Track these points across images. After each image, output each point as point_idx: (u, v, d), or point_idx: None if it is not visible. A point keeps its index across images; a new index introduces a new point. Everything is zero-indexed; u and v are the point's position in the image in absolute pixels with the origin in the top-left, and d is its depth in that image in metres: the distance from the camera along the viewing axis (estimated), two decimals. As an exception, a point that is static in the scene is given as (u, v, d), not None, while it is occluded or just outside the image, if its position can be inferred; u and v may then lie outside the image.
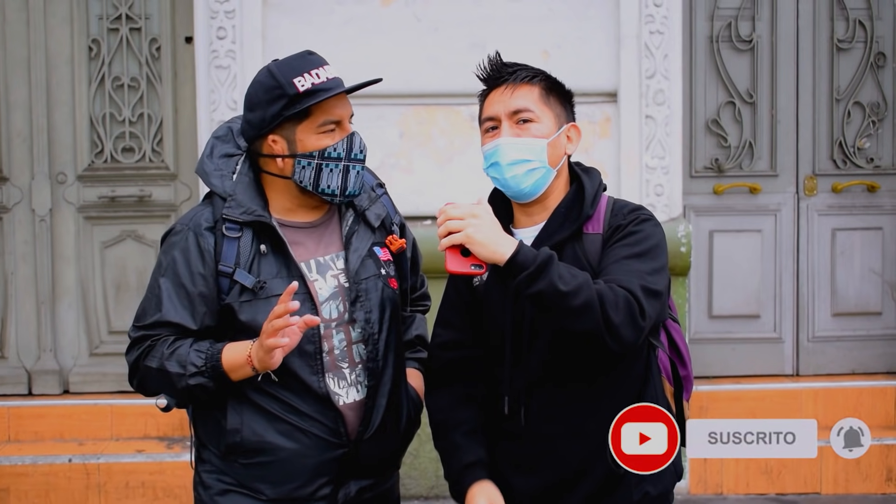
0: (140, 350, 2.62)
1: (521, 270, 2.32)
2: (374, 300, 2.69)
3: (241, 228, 2.62)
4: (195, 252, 2.61)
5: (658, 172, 5.30)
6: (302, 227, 2.71)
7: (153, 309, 2.62)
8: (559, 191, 2.63)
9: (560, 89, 2.65)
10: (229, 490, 2.69)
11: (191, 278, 2.61)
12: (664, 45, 5.29)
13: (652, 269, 2.44)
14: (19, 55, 5.43)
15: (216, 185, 2.68)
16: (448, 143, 5.25)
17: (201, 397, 2.60)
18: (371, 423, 2.68)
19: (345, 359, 2.67)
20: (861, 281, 5.86)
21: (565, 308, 2.31)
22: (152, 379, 2.63)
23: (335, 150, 2.62)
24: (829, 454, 5.47)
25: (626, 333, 2.33)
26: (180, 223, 2.70)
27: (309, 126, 2.60)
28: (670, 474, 2.61)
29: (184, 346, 2.58)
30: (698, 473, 5.37)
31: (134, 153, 5.50)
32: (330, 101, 2.61)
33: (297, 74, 2.59)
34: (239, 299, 2.60)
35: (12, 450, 5.21)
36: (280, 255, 2.63)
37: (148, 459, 5.12)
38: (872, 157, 5.83)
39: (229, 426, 2.63)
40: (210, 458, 2.72)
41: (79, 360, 5.53)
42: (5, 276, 5.49)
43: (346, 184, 2.64)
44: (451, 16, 5.25)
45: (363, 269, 2.70)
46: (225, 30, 5.13)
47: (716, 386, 5.62)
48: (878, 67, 5.80)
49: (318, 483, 2.67)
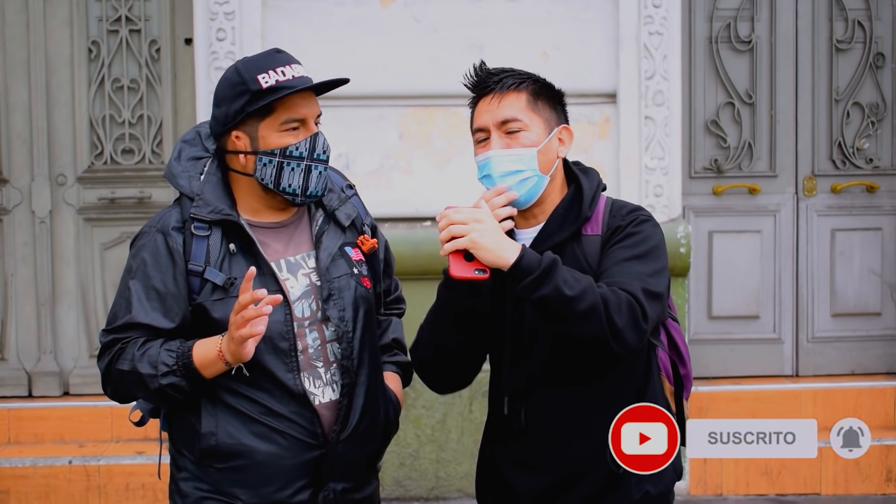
0: (111, 354, 2.59)
1: (526, 275, 2.31)
2: (347, 298, 2.67)
3: (209, 227, 2.61)
4: (164, 252, 2.61)
5: (657, 173, 5.31)
6: (270, 227, 2.69)
7: (123, 311, 2.61)
8: (555, 193, 2.63)
9: (549, 91, 2.63)
10: (206, 497, 2.66)
11: (161, 279, 2.59)
12: (663, 46, 5.29)
13: (652, 270, 2.44)
14: (19, 57, 5.44)
15: (183, 186, 2.68)
16: (447, 145, 5.25)
17: (176, 397, 2.57)
18: (348, 423, 2.65)
19: (319, 357, 2.65)
20: (860, 281, 5.87)
21: (570, 313, 2.31)
22: (125, 382, 2.59)
23: (297, 148, 2.59)
24: (829, 455, 5.46)
25: (630, 337, 2.33)
26: (148, 225, 2.70)
27: (271, 123, 2.59)
28: (670, 473, 2.61)
29: (154, 346, 2.55)
30: (698, 474, 5.37)
31: (134, 155, 5.50)
32: (294, 100, 2.59)
33: (262, 71, 2.57)
34: (211, 297, 2.58)
35: (12, 451, 5.21)
36: (249, 254, 2.61)
37: (148, 461, 5.11)
38: (872, 157, 5.83)
39: (203, 430, 2.61)
40: (185, 464, 2.69)
41: (79, 362, 5.53)
42: (5, 277, 5.49)
43: (307, 184, 2.62)
44: (450, 17, 5.25)
45: (335, 267, 2.68)
46: (224, 31, 5.14)
47: (715, 387, 5.62)
48: (878, 68, 5.81)
49: (297, 486, 2.63)
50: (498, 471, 2.67)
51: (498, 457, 2.68)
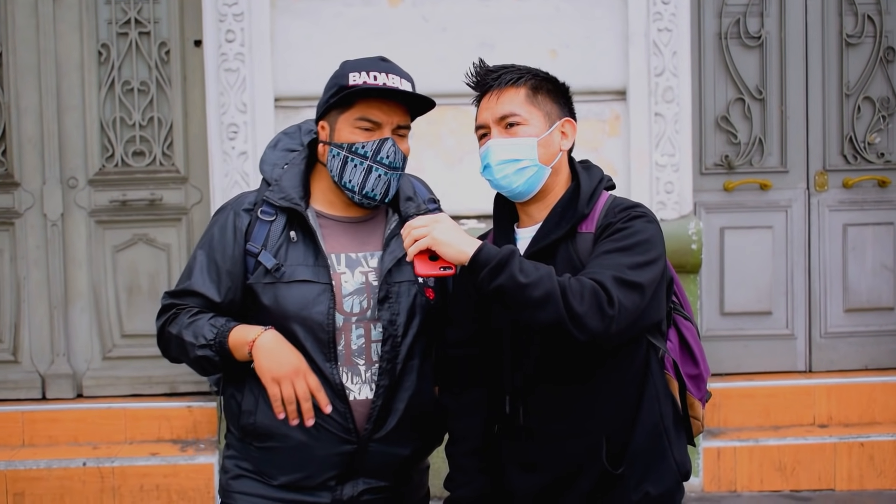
0: (166, 317, 2.75)
1: (483, 266, 2.35)
2: (403, 304, 2.71)
3: (276, 213, 2.73)
4: (230, 230, 2.74)
5: (668, 170, 5.30)
6: (341, 220, 2.78)
7: (185, 278, 2.77)
8: (559, 188, 2.64)
9: (550, 85, 2.65)
10: (242, 475, 2.77)
11: (222, 254, 2.72)
12: (672, 43, 5.28)
13: (634, 262, 2.42)
14: (29, 61, 5.46)
15: (266, 171, 2.82)
16: (457, 144, 5.25)
17: (209, 370, 2.70)
18: (385, 424, 2.70)
19: (361, 355, 2.70)
20: (873, 276, 5.85)
21: (525, 300, 2.33)
22: (172, 345, 2.74)
23: (363, 147, 2.68)
24: (844, 450, 5.48)
25: (592, 323, 2.32)
26: (228, 202, 2.84)
27: (348, 118, 2.69)
28: (673, 475, 2.59)
29: (203, 318, 2.68)
30: (712, 471, 5.37)
31: (144, 157, 5.52)
32: (374, 102, 2.68)
33: (357, 71, 2.69)
34: (262, 280, 2.68)
35: (27, 454, 5.23)
36: (310, 243, 2.70)
37: (162, 462, 5.13)
38: (883, 151, 5.82)
39: (244, 407, 2.71)
40: (232, 441, 2.82)
41: (92, 364, 5.55)
42: (18, 280, 5.51)
43: (365, 183, 2.69)
44: (458, 16, 5.26)
45: (398, 271, 2.73)
46: (234, 33, 5.14)
47: (728, 383, 5.61)
48: (888, 62, 5.79)
49: (326, 476, 2.70)
50: (501, 469, 2.68)
51: (501, 455, 2.69)
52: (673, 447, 2.60)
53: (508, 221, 2.71)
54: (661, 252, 2.51)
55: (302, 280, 2.66)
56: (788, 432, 5.46)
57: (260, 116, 5.16)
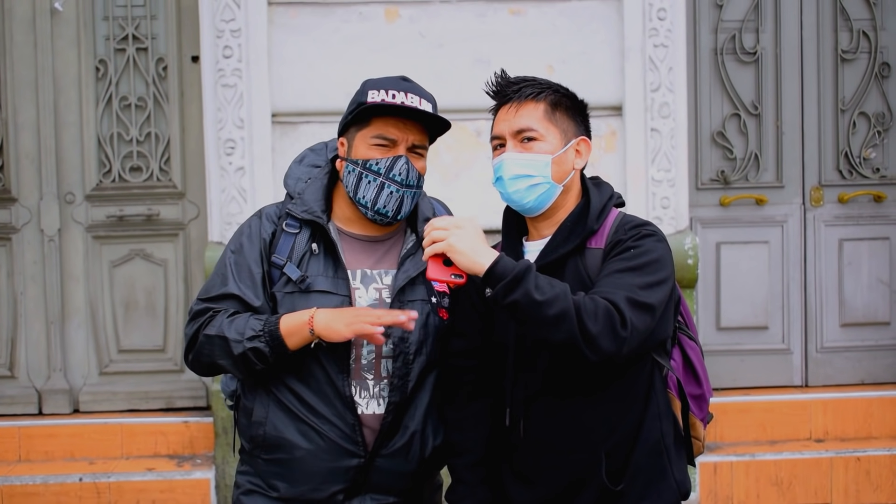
0: (201, 320, 2.73)
1: (499, 281, 2.34)
2: (415, 322, 2.69)
3: (300, 226, 2.77)
4: (257, 238, 2.78)
5: (664, 185, 5.31)
6: (359, 238, 2.80)
7: (219, 284, 2.77)
8: (569, 205, 2.64)
9: (569, 102, 2.66)
10: (253, 490, 2.79)
11: (253, 260, 2.76)
12: (668, 58, 5.30)
13: (645, 282, 2.42)
14: (27, 77, 5.47)
15: (290, 185, 2.87)
16: (454, 159, 5.26)
17: (256, 364, 2.65)
18: (394, 440, 2.72)
19: (371, 370, 2.71)
20: (869, 291, 5.86)
21: (540, 318, 2.32)
22: (210, 346, 2.70)
23: (377, 164, 2.70)
24: (840, 464, 5.47)
25: (605, 344, 2.33)
26: (255, 214, 2.88)
27: (364, 135, 2.73)
28: (672, 493, 2.60)
29: (242, 316, 2.69)
30: (708, 486, 5.36)
31: (142, 172, 5.52)
32: (390, 119, 2.71)
33: (377, 89, 2.72)
34: (283, 290, 2.71)
35: (23, 469, 5.21)
36: (330, 256, 2.74)
37: (158, 477, 5.12)
38: (878, 167, 5.83)
39: (255, 418, 2.74)
40: (244, 456, 2.84)
41: (89, 380, 5.55)
42: (15, 296, 5.51)
43: (377, 199, 2.71)
44: (455, 32, 5.27)
45: (411, 290, 2.75)
46: (231, 49, 5.15)
47: (725, 398, 5.61)
48: (883, 77, 5.81)
49: (333, 489, 2.71)
50: (500, 482, 2.68)
51: (502, 467, 2.69)
52: (673, 466, 2.61)
53: (517, 234, 2.71)
54: (670, 272, 2.52)
55: (321, 290, 2.69)
56: (785, 447, 5.46)
57: (257, 132, 5.16)
